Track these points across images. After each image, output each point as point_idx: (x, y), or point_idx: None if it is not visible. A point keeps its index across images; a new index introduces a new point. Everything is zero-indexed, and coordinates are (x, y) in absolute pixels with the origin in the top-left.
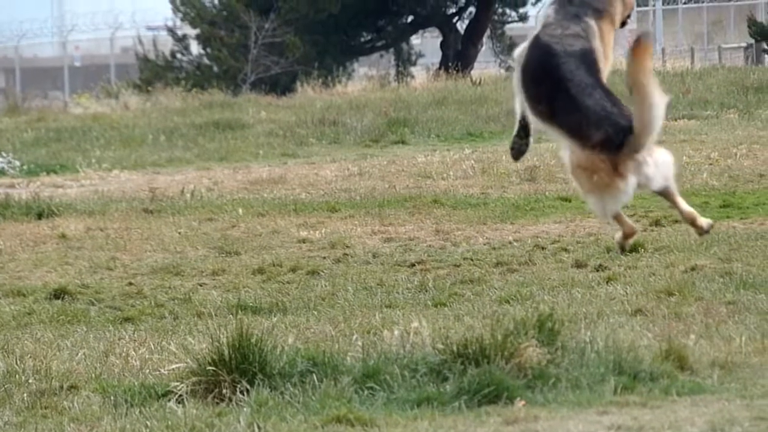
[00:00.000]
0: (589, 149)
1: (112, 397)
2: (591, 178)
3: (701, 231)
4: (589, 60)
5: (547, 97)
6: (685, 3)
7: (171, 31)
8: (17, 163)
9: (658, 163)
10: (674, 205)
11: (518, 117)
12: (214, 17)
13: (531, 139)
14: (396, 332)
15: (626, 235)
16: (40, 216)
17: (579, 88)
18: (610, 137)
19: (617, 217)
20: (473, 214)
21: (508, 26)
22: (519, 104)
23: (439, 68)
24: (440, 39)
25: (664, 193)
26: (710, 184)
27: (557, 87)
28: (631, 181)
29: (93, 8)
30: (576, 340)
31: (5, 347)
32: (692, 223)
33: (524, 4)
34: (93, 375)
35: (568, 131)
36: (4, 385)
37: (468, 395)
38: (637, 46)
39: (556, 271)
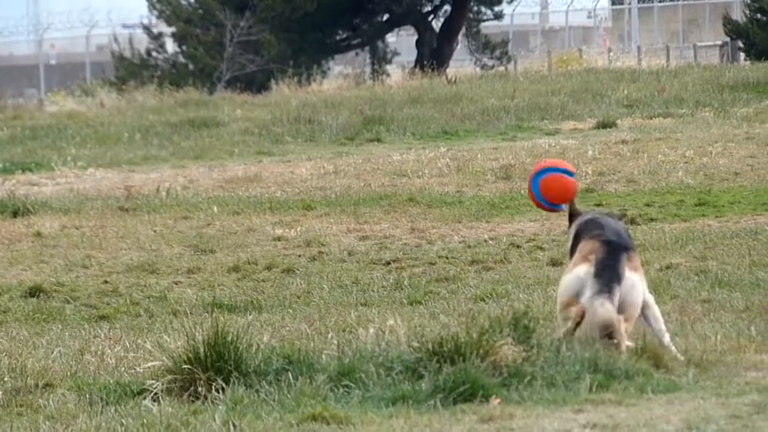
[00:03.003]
0: None
1: (87, 395)
2: None
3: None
4: None
5: None
6: (660, 1)
7: (147, 29)
8: None
9: None
10: None
11: None
12: (189, 15)
13: None
14: (371, 330)
15: None
16: (15, 214)
17: None
18: None
19: None
20: (448, 212)
21: (483, 24)
22: None
23: (415, 66)
24: (416, 37)
25: None
26: (685, 182)
27: None
28: None
29: (69, 6)
30: (551, 338)
31: None
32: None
33: (500, 2)
34: (68, 373)
35: None
36: None
37: (443, 393)
38: None
39: (532, 270)
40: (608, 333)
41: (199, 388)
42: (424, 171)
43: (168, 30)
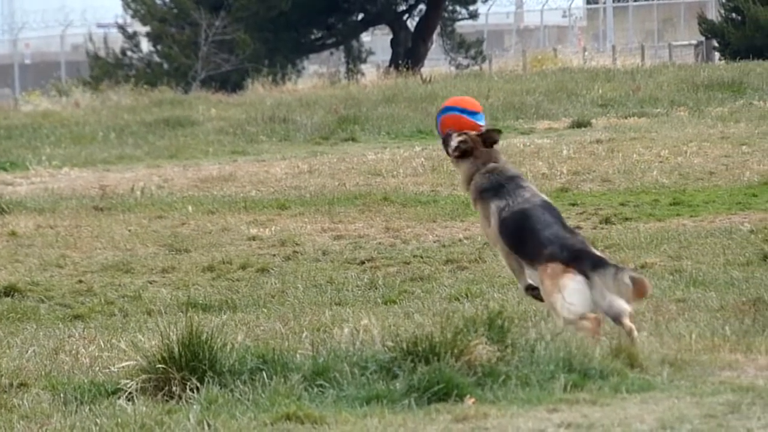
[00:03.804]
0: None
1: (62, 395)
2: None
3: None
4: None
5: None
6: (635, 1)
7: (121, 28)
8: None
9: None
10: None
11: None
12: (164, 14)
13: None
14: (346, 330)
15: None
16: None
17: None
18: None
19: None
20: (423, 211)
21: (458, 24)
22: None
23: (390, 66)
24: (390, 36)
25: None
26: (660, 181)
27: None
28: None
29: (43, 6)
30: (526, 337)
31: None
32: None
33: (474, 1)
34: (43, 372)
35: None
36: None
37: (418, 393)
38: None
39: (506, 269)
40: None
41: (174, 388)
42: (399, 170)
43: (143, 29)
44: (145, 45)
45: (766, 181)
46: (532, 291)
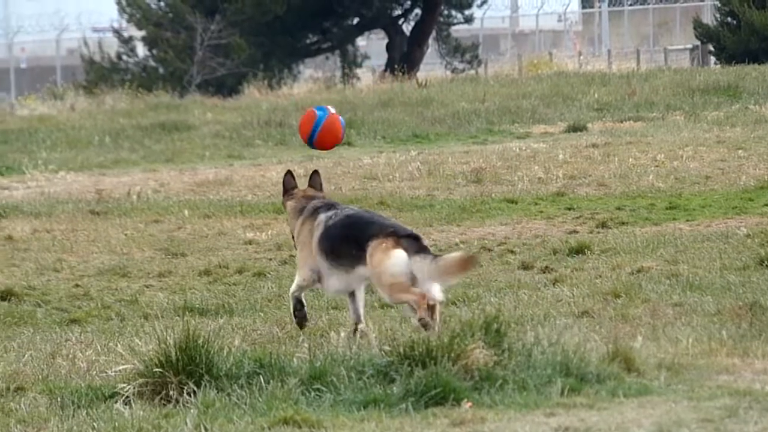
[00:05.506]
0: None
1: (59, 399)
2: None
3: None
4: None
5: None
6: (631, 5)
7: (117, 32)
8: None
9: None
10: None
11: None
12: (160, 19)
13: None
14: (342, 334)
15: None
16: None
17: None
18: None
19: None
20: (419, 215)
21: (454, 28)
22: None
23: (385, 70)
24: (386, 41)
25: None
26: (656, 186)
27: None
28: None
29: (39, 10)
30: (523, 341)
31: None
32: None
33: (470, 6)
34: (40, 376)
35: None
36: None
37: (415, 397)
38: None
39: (503, 273)
40: None
41: (171, 392)
42: (395, 174)
43: (138, 34)
44: (141, 49)
45: (762, 185)
46: None
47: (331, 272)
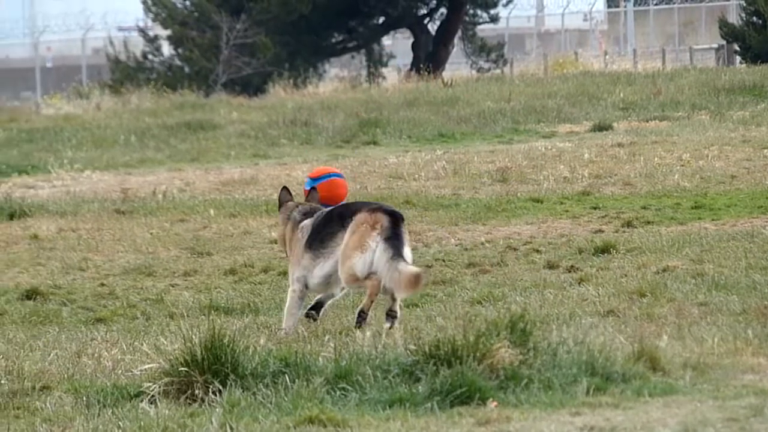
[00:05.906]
0: None
1: (84, 398)
2: None
3: None
4: None
5: None
6: (656, 4)
7: (142, 31)
8: None
9: None
10: None
11: None
12: (185, 18)
13: None
14: (368, 333)
15: None
16: (11, 217)
17: None
18: None
19: None
20: (445, 215)
21: (479, 27)
22: None
23: (411, 69)
24: (411, 40)
25: None
26: (682, 185)
27: None
28: None
29: (64, 9)
30: (548, 341)
31: None
32: None
33: (495, 5)
34: (65, 375)
35: None
36: None
37: (440, 396)
38: None
39: (528, 272)
40: None
41: (196, 391)
42: (421, 174)
43: (164, 33)
44: (166, 48)
45: None
46: None
47: (315, 262)
